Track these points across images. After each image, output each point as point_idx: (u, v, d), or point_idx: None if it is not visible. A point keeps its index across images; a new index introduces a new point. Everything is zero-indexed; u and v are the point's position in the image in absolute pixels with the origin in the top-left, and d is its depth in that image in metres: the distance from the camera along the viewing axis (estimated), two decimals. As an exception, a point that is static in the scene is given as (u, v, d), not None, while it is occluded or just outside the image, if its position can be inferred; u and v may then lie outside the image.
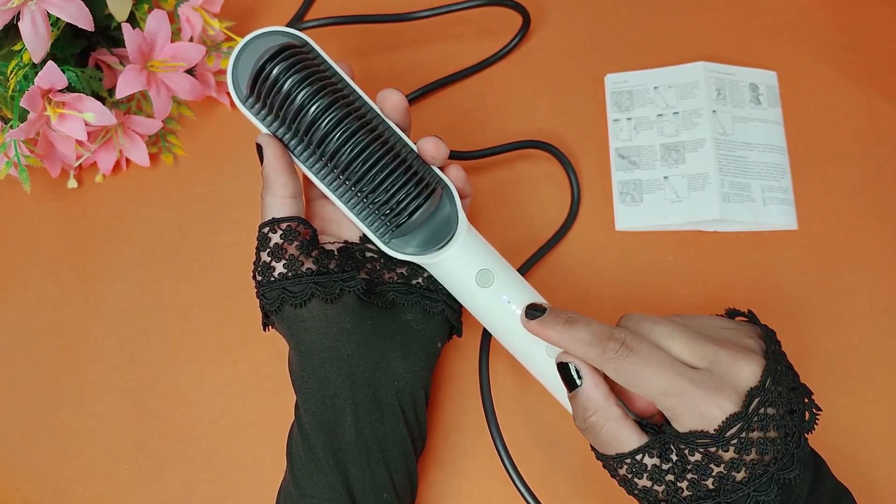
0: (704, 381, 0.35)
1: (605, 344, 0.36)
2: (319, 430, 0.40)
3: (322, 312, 0.41)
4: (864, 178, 0.54)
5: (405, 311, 0.44)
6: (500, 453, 0.43)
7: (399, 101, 0.43)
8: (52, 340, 0.54)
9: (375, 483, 0.41)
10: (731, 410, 0.34)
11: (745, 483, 0.34)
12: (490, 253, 0.43)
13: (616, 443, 0.36)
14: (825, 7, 0.59)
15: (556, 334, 0.38)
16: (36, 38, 0.46)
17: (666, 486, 0.35)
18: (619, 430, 0.36)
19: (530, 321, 0.39)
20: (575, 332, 0.37)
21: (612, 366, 0.36)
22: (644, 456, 0.36)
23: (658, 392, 0.35)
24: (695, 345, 0.36)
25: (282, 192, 0.41)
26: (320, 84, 0.40)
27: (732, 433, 0.34)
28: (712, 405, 0.34)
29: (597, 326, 0.37)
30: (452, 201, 0.43)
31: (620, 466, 0.36)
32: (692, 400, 0.34)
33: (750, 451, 0.34)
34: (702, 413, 0.34)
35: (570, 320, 0.38)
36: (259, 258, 0.41)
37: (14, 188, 0.58)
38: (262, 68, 0.40)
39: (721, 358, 0.35)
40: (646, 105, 0.56)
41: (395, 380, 0.42)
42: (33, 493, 0.50)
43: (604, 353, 0.36)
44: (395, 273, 0.44)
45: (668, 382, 0.35)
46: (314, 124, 0.40)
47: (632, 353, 0.35)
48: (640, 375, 0.35)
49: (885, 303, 0.51)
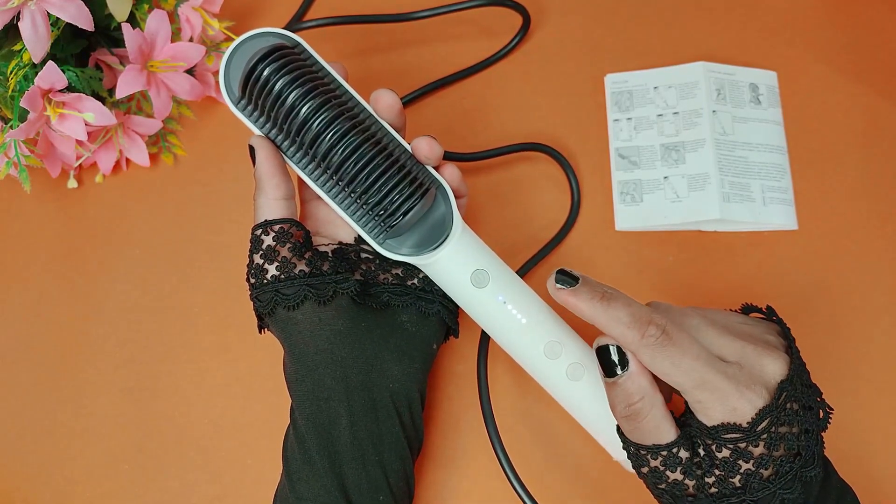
0: (737, 375, 0.34)
1: (645, 329, 0.35)
2: (314, 433, 0.40)
3: (315, 315, 0.41)
4: (864, 178, 0.54)
5: (400, 312, 0.43)
6: (498, 454, 0.43)
7: (392, 102, 0.42)
8: (52, 340, 0.54)
9: (371, 485, 0.40)
10: (761, 405, 0.34)
11: (772, 481, 0.34)
12: (485, 253, 0.42)
13: (656, 432, 0.36)
14: (825, 7, 0.59)
15: (590, 309, 0.36)
16: (36, 38, 0.46)
17: (696, 480, 0.35)
18: (661, 419, 0.36)
19: (561, 289, 0.37)
20: (613, 311, 0.35)
21: (649, 352, 0.35)
22: (679, 449, 0.35)
23: (693, 384, 0.34)
24: (723, 339, 0.36)
25: (274, 194, 0.41)
26: (311, 85, 0.40)
27: (763, 427, 0.34)
28: (743, 399, 0.34)
29: (636, 308, 0.36)
30: (447, 201, 0.42)
31: (655, 458, 0.36)
32: (725, 394, 0.34)
33: (779, 447, 0.34)
34: (734, 406, 0.34)
35: (607, 295, 0.36)
36: (252, 260, 0.41)
37: (14, 188, 0.58)
38: (252, 69, 0.40)
39: (749, 353, 0.35)
40: (646, 105, 0.56)
41: (390, 381, 0.42)
42: (33, 493, 0.50)
43: (643, 338, 0.35)
44: (391, 274, 0.44)
45: (705, 376, 0.34)
46: (305, 125, 0.40)
47: (671, 342, 0.34)
48: (677, 366, 0.34)
49: (885, 302, 0.51)
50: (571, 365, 0.41)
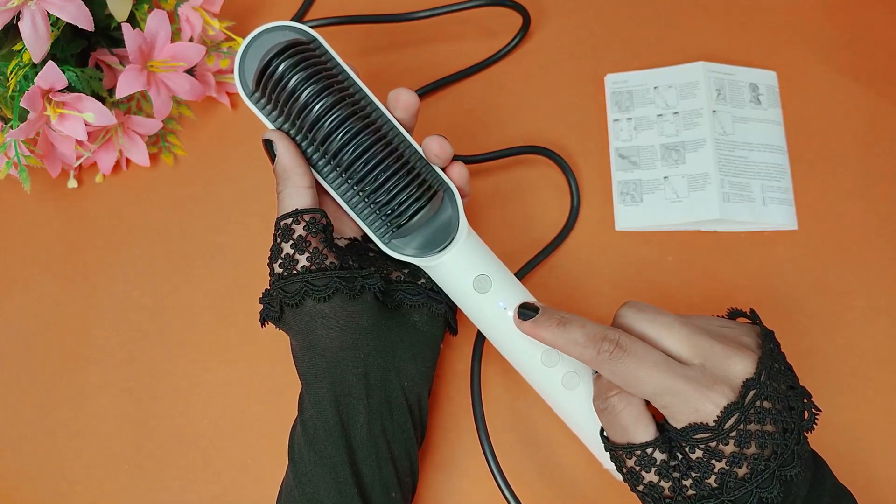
0: (697, 377, 0.35)
1: (599, 345, 0.36)
2: (330, 430, 0.40)
3: (343, 309, 0.40)
4: (864, 178, 0.54)
5: (412, 312, 0.44)
6: (487, 457, 0.43)
7: (411, 102, 0.42)
8: (52, 340, 0.54)
9: (384, 481, 0.41)
10: (724, 403, 0.34)
11: (748, 479, 0.34)
12: (489, 258, 0.42)
13: (631, 430, 0.36)
14: (825, 7, 0.59)
15: (549, 335, 0.38)
16: (36, 38, 0.46)
17: (672, 482, 0.35)
18: (637, 417, 0.36)
19: (523, 322, 0.39)
20: (568, 334, 0.37)
21: (607, 367, 0.36)
22: (654, 450, 0.36)
23: (653, 392, 0.35)
24: (692, 337, 0.36)
25: (301, 182, 0.41)
26: (326, 82, 0.40)
27: (730, 424, 0.34)
28: (705, 400, 0.34)
29: (591, 327, 0.37)
30: (454, 204, 0.42)
31: (630, 457, 0.36)
32: (686, 397, 0.35)
33: (749, 445, 0.34)
34: (696, 408, 0.35)
35: (563, 321, 0.38)
36: (280, 250, 0.41)
37: (14, 188, 0.58)
38: (268, 64, 0.40)
39: (715, 352, 0.36)
40: (646, 105, 0.56)
41: (405, 380, 0.42)
42: (33, 493, 0.50)
43: (598, 354, 0.36)
44: (402, 272, 0.44)
45: (663, 382, 0.35)
46: (318, 122, 0.40)
47: (626, 354, 0.36)
48: (635, 376, 0.35)
49: (884, 303, 0.51)
50: (567, 374, 0.41)
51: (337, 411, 0.40)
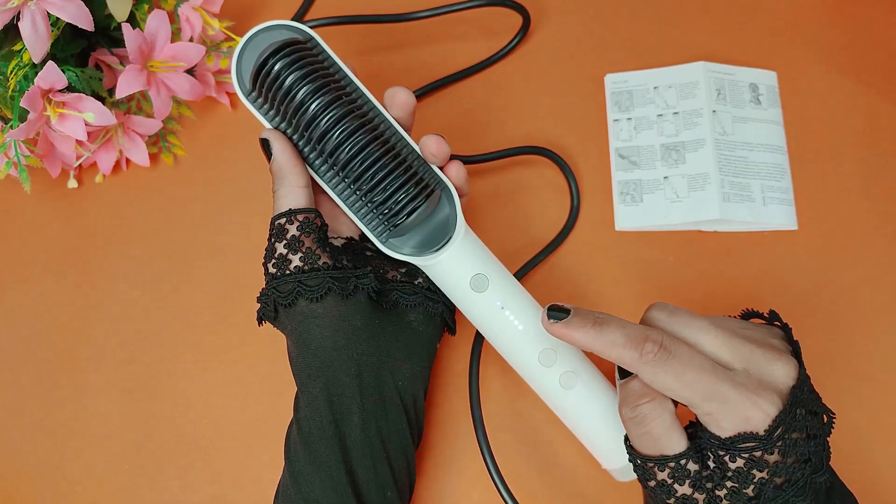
0: (744, 382, 0.33)
1: (642, 346, 0.34)
2: (325, 430, 0.40)
3: (336, 309, 0.40)
4: (864, 178, 0.54)
5: (408, 311, 0.44)
6: (485, 457, 0.43)
7: (408, 100, 0.42)
8: (52, 340, 0.54)
9: (379, 481, 0.41)
10: (774, 412, 0.33)
11: (785, 488, 0.33)
12: (486, 257, 0.42)
13: (664, 440, 0.34)
14: (825, 7, 0.59)
15: (585, 337, 0.35)
16: (36, 38, 0.46)
17: (707, 493, 0.34)
18: (670, 427, 0.34)
19: (554, 324, 0.36)
20: (606, 335, 0.35)
21: (650, 370, 0.34)
22: (688, 461, 0.34)
23: (700, 397, 0.33)
24: (730, 341, 0.35)
25: (297, 182, 0.41)
26: (322, 81, 0.40)
27: (778, 434, 0.33)
28: (755, 408, 0.33)
29: (631, 328, 0.35)
30: (452, 203, 0.42)
31: (663, 470, 0.34)
32: (735, 404, 0.33)
33: (792, 454, 0.33)
34: (747, 416, 0.33)
35: (599, 321, 0.35)
36: (274, 249, 0.41)
37: (14, 188, 0.58)
38: (264, 63, 0.40)
39: (757, 358, 0.34)
40: (646, 105, 0.56)
41: (399, 379, 0.42)
42: (33, 493, 0.50)
43: (641, 356, 0.34)
44: (398, 272, 0.44)
45: (712, 387, 0.33)
46: (314, 122, 0.40)
47: (671, 356, 0.34)
48: (680, 380, 0.33)
49: (885, 302, 0.51)
50: (565, 373, 0.41)
51: (331, 411, 0.40)
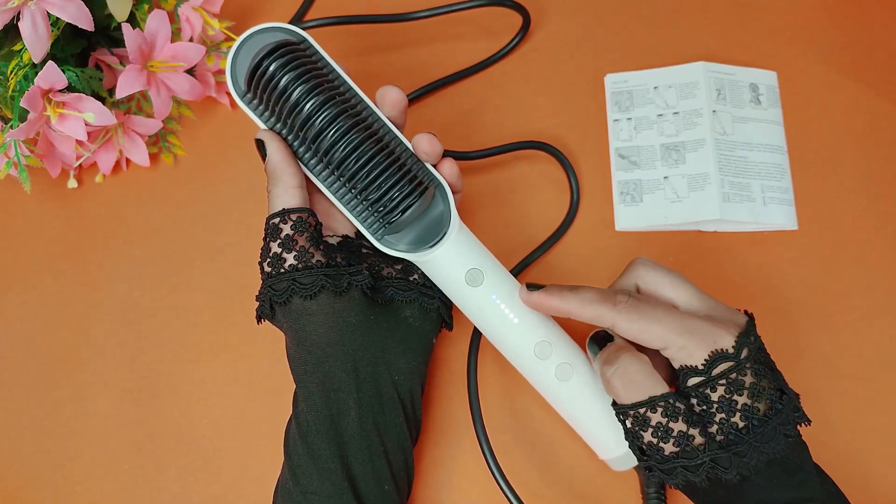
0: (710, 317, 0.38)
1: (614, 298, 0.38)
2: (322, 424, 0.40)
3: (330, 306, 0.41)
4: (864, 178, 0.54)
5: (404, 307, 0.44)
6: (484, 451, 0.43)
7: (398, 98, 0.43)
8: (52, 340, 0.54)
9: (376, 475, 0.41)
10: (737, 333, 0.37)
11: (770, 416, 0.36)
12: (481, 252, 0.43)
13: (648, 384, 0.37)
14: (825, 7, 0.59)
15: (561, 301, 0.39)
16: (36, 38, 0.46)
17: (701, 428, 0.36)
18: (650, 372, 0.38)
19: (532, 293, 0.40)
20: (582, 294, 0.39)
21: (625, 315, 0.37)
22: (676, 400, 0.37)
23: (672, 331, 0.37)
24: (699, 294, 0.39)
25: (291, 182, 0.42)
26: (316, 81, 0.40)
27: (745, 355, 0.36)
28: (722, 332, 0.37)
29: (602, 289, 0.39)
30: (446, 200, 0.43)
31: (654, 411, 0.37)
32: (704, 332, 0.37)
33: (765, 377, 0.36)
34: (714, 340, 0.36)
35: (574, 287, 0.40)
36: (269, 249, 0.41)
37: (14, 188, 0.58)
38: (258, 64, 0.40)
39: (719, 308, 0.39)
40: (646, 105, 0.56)
41: (396, 374, 0.42)
42: (33, 493, 0.50)
43: (615, 305, 0.38)
44: (393, 269, 0.44)
45: (681, 321, 0.37)
46: (309, 121, 0.41)
47: (641, 301, 0.38)
48: (652, 318, 0.37)
49: (884, 303, 0.51)
50: (560, 365, 0.42)
51: (327, 406, 0.41)
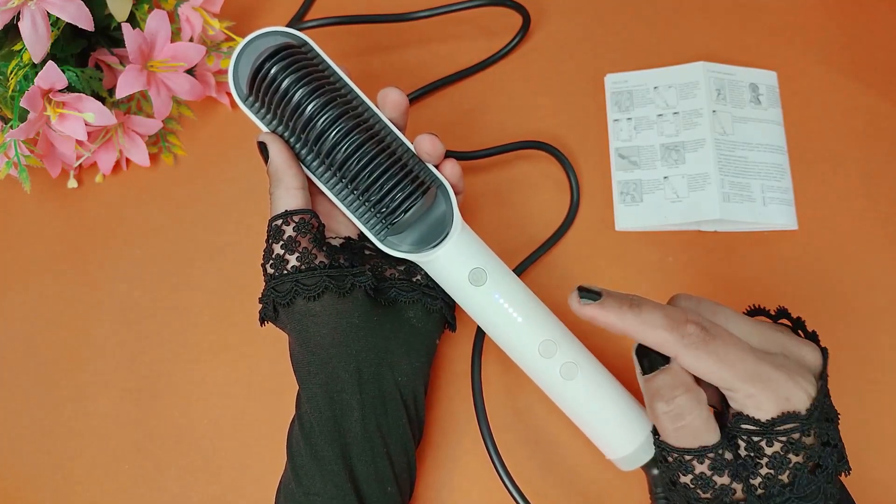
0: (785, 364, 0.33)
1: (684, 328, 0.33)
2: (325, 426, 0.41)
3: (333, 307, 0.41)
4: (864, 178, 0.54)
5: (407, 308, 0.44)
6: (489, 450, 0.43)
7: (399, 100, 0.43)
8: (52, 340, 0.54)
9: (379, 476, 0.41)
10: (813, 392, 0.33)
11: (817, 474, 0.33)
12: (484, 252, 0.43)
13: (703, 431, 0.33)
14: (825, 7, 0.59)
15: (621, 321, 0.34)
16: (36, 38, 0.46)
17: (743, 482, 0.33)
18: (708, 417, 0.34)
19: (586, 305, 0.35)
20: (646, 316, 0.34)
21: (692, 352, 0.33)
22: (724, 451, 0.33)
23: (743, 378, 0.32)
24: (761, 328, 0.34)
25: (293, 184, 0.42)
26: (317, 83, 0.41)
27: (815, 415, 0.33)
28: (797, 388, 0.33)
29: (669, 309, 0.34)
30: (448, 200, 0.43)
31: (702, 462, 0.33)
32: (778, 384, 0.33)
33: (824, 436, 0.33)
34: (788, 396, 0.33)
35: (635, 302, 0.34)
36: (272, 250, 0.41)
37: (14, 188, 0.58)
38: (260, 67, 0.41)
39: (789, 342, 0.34)
40: (646, 105, 0.56)
41: (399, 375, 0.42)
42: (33, 493, 0.50)
43: (683, 338, 0.33)
44: (396, 270, 0.44)
45: (754, 367, 0.33)
46: (311, 122, 0.41)
47: (713, 338, 0.33)
48: (723, 360, 0.32)
49: (885, 302, 0.51)
50: (565, 364, 0.41)
51: (331, 407, 0.41)
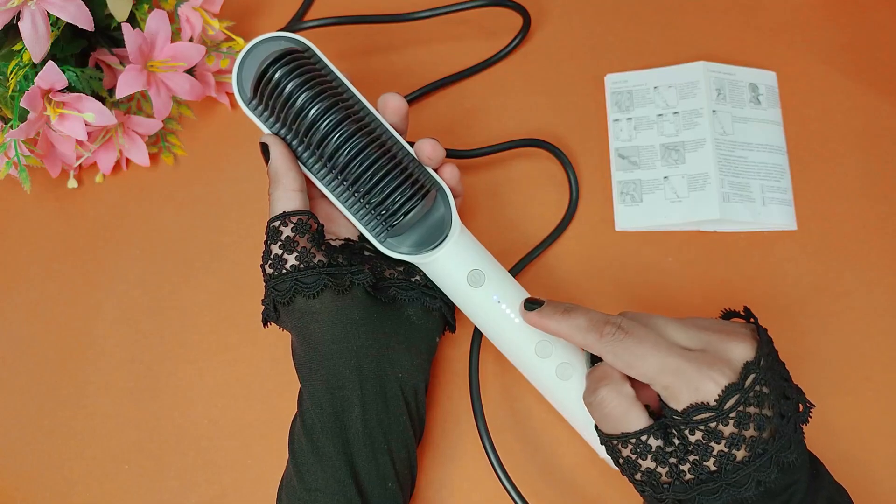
0: (698, 357, 0.36)
1: (603, 328, 0.38)
2: (326, 422, 0.41)
3: (333, 304, 0.41)
4: (864, 178, 0.54)
5: (406, 306, 0.45)
6: (487, 449, 0.44)
7: (400, 105, 0.44)
8: (52, 340, 0.54)
9: (380, 472, 0.41)
10: (725, 382, 0.35)
11: (746, 462, 0.35)
12: (482, 254, 0.44)
13: (624, 420, 0.37)
14: (825, 7, 0.59)
15: (554, 324, 0.39)
16: (36, 38, 0.46)
17: (669, 468, 0.36)
18: (628, 407, 0.37)
19: (528, 312, 0.41)
20: (572, 320, 0.39)
21: (610, 348, 0.37)
22: (649, 437, 0.36)
23: (655, 371, 0.36)
24: (687, 331, 0.38)
25: (291, 186, 0.42)
26: (320, 87, 0.41)
27: (730, 405, 0.35)
28: (707, 379, 0.35)
29: (594, 314, 0.39)
30: (447, 203, 0.44)
31: (626, 446, 0.37)
32: (687, 375, 0.35)
33: (748, 427, 0.35)
34: (697, 387, 0.35)
35: (567, 310, 0.40)
36: (270, 251, 0.42)
37: (14, 188, 0.58)
38: (264, 72, 0.42)
39: (713, 339, 0.37)
40: (646, 105, 0.56)
41: (400, 371, 0.43)
42: (33, 493, 0.50)
43: (601, 336, 0.37)
44: (395, 270, 0.45)
45: (664, 360, 0.36)
46: (314, 126, 0.42)
47: (628, 335, 0.37)
48: (637, 355, 0.36)
49: (884, 303, 0.51)
50: (561, 364, 0.42)
51: (332, 403, 0.41)
